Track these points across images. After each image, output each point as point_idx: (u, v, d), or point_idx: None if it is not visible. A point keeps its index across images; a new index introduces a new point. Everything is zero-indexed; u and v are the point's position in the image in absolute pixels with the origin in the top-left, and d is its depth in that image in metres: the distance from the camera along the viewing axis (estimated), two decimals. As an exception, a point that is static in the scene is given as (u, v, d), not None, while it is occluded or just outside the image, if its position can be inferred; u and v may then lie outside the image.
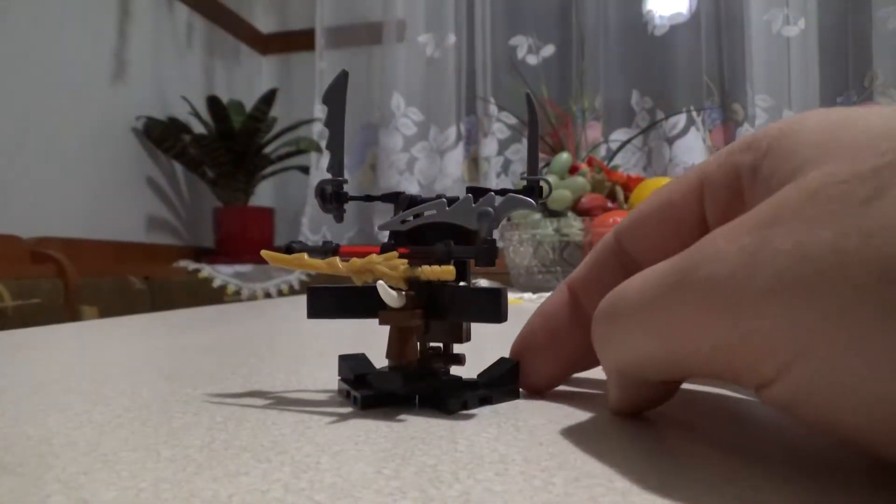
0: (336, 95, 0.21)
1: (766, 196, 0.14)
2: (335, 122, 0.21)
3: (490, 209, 0.19)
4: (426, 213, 0.21)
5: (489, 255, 0.20)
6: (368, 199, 0.23)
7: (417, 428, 0.18)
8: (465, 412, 0.20)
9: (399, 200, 0.22)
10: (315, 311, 0.22)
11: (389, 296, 0.19)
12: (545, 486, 0.13)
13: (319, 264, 0.20)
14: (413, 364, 0.20)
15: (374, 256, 0.20)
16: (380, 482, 0.13)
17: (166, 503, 0.12)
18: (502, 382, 0.22)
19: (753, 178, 0.15)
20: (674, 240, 0.18)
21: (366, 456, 0.15)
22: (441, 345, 0.22)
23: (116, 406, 0.21)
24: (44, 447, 0.16)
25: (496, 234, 1.27)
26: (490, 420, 0.19)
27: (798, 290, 0.12)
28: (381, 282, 0.19)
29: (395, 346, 0.20)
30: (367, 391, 0.20)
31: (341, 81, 0.21)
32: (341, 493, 0.13)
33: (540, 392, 0.22)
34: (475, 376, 0.22)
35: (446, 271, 0.19)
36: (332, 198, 0.21)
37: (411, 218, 0.21)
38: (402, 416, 0.19)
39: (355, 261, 0.20)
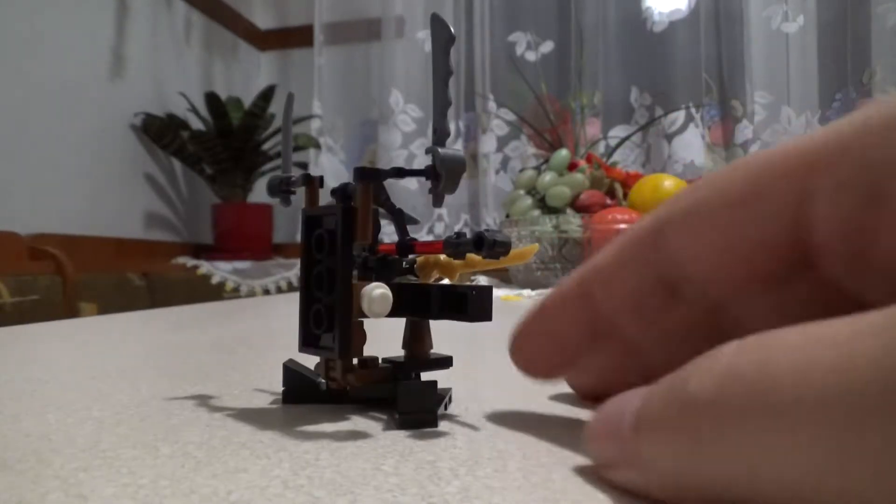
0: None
1: None
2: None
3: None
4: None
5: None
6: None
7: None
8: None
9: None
10: None
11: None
12: (544, 482, 0.13)
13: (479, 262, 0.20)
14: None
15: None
16: (379, 478, 0.13)
17: (165, 500, 0.12)
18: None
19: None
20: (750, 257, 0.13)
21: (365, 452, 0.15)
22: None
23: (115, 403, 0.20)
24: (42, 444, 0.16)
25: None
26: (489, 417, 0.19)
27: None
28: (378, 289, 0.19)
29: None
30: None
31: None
32: (340, 489, 0.13)
33: (535, 378, 0.19)
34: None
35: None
36: None
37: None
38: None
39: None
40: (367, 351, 0.19)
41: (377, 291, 0.18)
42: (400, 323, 0.20)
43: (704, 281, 0.14)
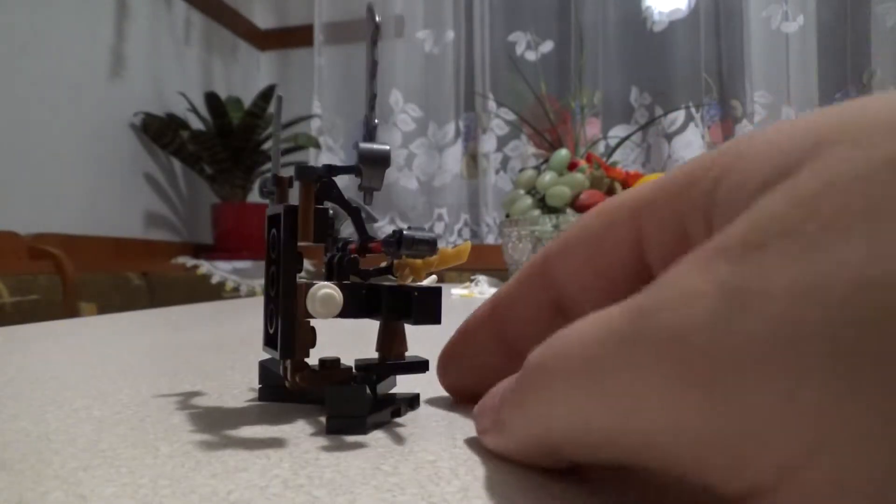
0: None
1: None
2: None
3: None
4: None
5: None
6: None
7: (416, 424, 0.18)
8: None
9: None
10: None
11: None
12: (544, 482, 0.13)
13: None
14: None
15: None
16: (378, 478, 0.13)
17: (165, 499, 0.12)
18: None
19: (701, 220, 0.12)
20: (606, 279, 0.16)
21: (364, 452, 0.15)
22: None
23: (115, 402, 0.20)
24: (42, 443, 0.16)
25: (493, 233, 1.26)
26: (489, 416, 0.19)
27: (817, 349, 0.08)
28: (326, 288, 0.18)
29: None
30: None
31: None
32: (340, 488, 0.13)
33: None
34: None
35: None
36: None
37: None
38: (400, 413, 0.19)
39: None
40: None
41: (322, 292, 0.17)
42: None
43: (578, 295, 0.17)
